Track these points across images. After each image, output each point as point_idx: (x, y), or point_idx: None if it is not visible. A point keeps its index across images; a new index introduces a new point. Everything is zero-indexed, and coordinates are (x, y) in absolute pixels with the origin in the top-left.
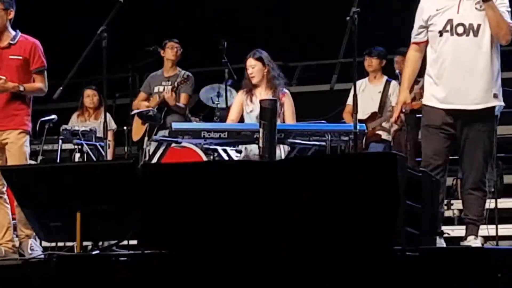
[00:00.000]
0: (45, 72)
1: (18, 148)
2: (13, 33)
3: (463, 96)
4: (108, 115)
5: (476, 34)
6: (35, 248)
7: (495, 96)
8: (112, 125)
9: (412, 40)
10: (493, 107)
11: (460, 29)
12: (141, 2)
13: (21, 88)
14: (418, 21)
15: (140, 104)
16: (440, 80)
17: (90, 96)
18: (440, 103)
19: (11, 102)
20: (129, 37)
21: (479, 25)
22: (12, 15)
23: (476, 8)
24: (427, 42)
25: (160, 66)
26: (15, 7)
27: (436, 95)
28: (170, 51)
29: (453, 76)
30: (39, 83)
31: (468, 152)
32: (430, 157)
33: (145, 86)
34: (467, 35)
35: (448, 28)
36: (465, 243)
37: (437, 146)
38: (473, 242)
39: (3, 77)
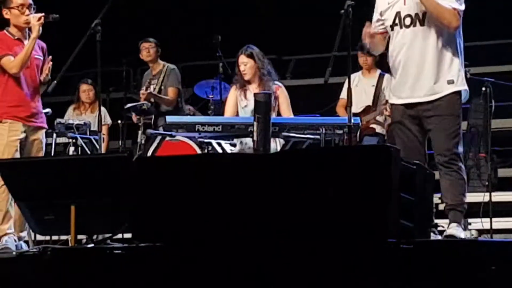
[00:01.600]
0: None
1: (42, 148)
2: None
3: (417, 88)
4: (103, 109)
5: (422, 23)
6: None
7: (451, 82)
8: (108, 119)
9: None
10: (452, 93)
11: (407, 21)
12: None
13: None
14: (375, 15)
15: None
16: (395, 74)
17: (86, 91)
18: (398, 98)
19: (39, 100)
20: (123, 31)
21: (424, 13)
22: None
23: None
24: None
25: None
26: None
27: (394, 91)
28: (143, 53)
29: (405, 69)
30: None
31: (434, 138)
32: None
33: (143, 88)
34: (414, 25)
35: (397, 21)
36: (447, 231)
37: (408, 144)
38: (455, 229)
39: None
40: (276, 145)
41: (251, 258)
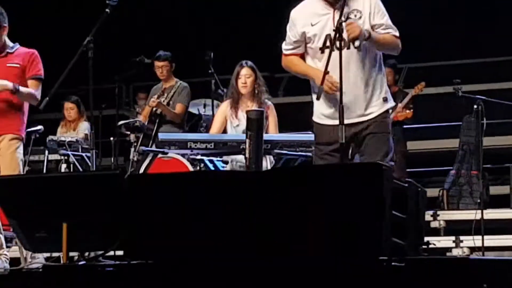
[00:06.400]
0: (41, 81)
1: (10, 154)
2: (11, 45)
3: (352, 109)
4: (86, 123)
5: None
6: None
7: (385, 100)
8: (87, 130)
9: (287, 52)
10: (385, 111)
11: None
12: (128, 13)
13: (16, 87)
14: (291, 34)
15: (146, 117)
16: (326, 96)
17: (68, 110)
18: (329, 119)
19: (6, 107)
20: (115, 48)
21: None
22: (6, 30)
23: (350, 18)
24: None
25: (147, 77)
26: (6, 21)
27: (324, 112)
28: (157, 72)
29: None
30: (32, 90)
31: (368, 155)
32: None
33: (148, 100)
34: (348, 48)
35: (328, 43)
36: None
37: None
38: None
39: None
40: (266, 163)
41: (243, 276)
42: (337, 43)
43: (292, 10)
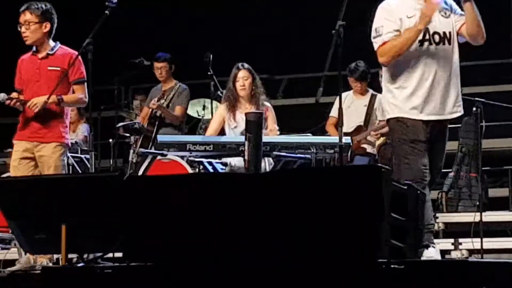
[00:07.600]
0: (85, 82)
1: (54, 162)
2: (52, 44)
3: (443, 106)
4: (85, 125)
5: (450, 42)
6: None
7: (462, 105)
8: (86, 132)
9: (381, 42)
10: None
11: (436, 38)
12: (127, 15)
13: (59, 99)
14: (391, 24)
15: (145, 118)
16: (419, 89)
17: None
18: (425, 115)
19: (47, 113)
20: (114, 50)
21: (450, 33)
22: (48, 28)
23: (442, 16)
24: None
25: (146, 79)
26: (54, 20)
27: (417, 107)
28: (156, 73)
29: (433, 85)
30: (79, 94)
31: (435, 156)
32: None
33: (147, 101)
34: (443, 44)
35: (427, 36)
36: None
37: (426, 161)
38: (436, 252)
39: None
40: (265, 164)
41: (243, 276)
42: (434, 37)
43: (382, 5)
